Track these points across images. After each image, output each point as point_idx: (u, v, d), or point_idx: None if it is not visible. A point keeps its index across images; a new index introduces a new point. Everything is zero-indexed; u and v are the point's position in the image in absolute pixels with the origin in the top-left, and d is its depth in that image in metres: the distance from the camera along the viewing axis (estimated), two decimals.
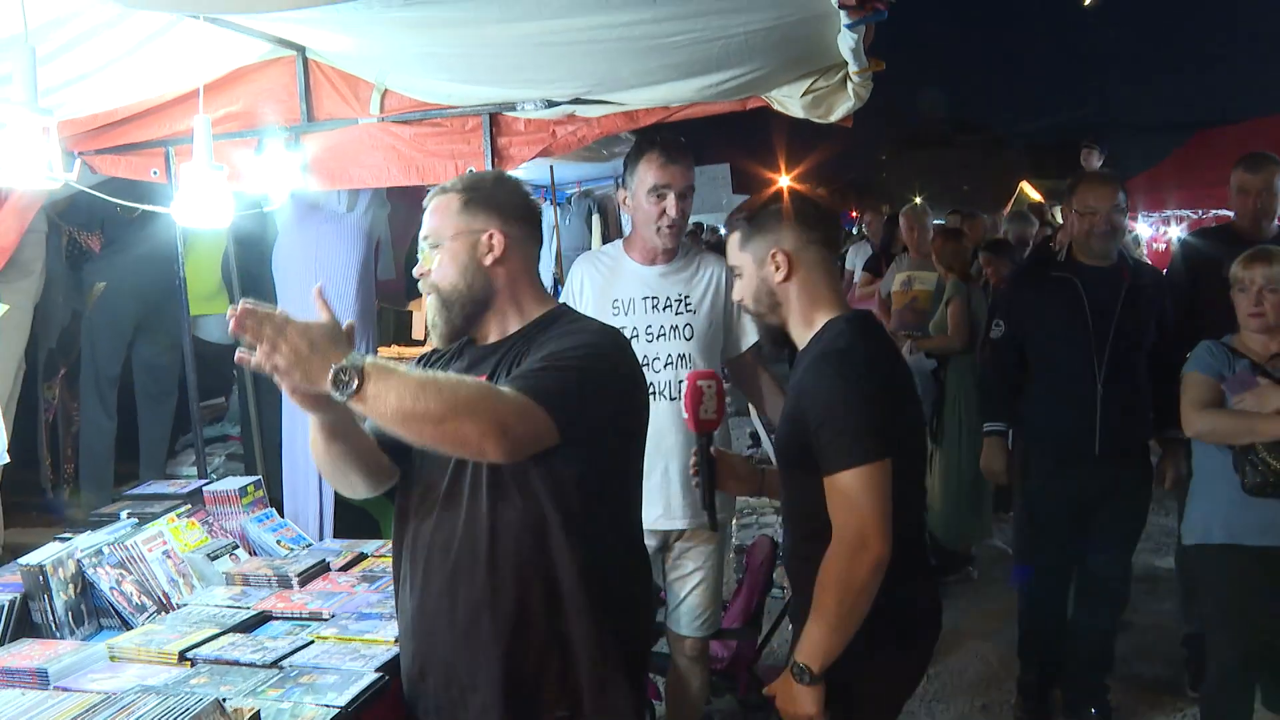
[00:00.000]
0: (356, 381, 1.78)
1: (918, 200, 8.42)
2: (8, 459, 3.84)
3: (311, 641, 2.66)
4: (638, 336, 3.23)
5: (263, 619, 2.85)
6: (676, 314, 3.25)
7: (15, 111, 2.40)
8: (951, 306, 5.59)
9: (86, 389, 5.32)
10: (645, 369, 2.67)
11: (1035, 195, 14.95)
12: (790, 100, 3.37)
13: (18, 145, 2.42)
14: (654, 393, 3.17)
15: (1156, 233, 11.98)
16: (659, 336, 3.26)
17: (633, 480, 2.27)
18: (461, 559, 2.08)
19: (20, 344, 4.56)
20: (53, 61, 2.89)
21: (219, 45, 3.38)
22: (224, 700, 2.13)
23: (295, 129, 3.78)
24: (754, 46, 2.92)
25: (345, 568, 3.26)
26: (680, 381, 3.16)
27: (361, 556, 3.35)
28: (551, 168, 6.31)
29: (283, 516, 3.71)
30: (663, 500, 3.23)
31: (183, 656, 2.55)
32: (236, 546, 3.34)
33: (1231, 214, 4.53)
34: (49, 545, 2.95)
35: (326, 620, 2.81)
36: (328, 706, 2.26)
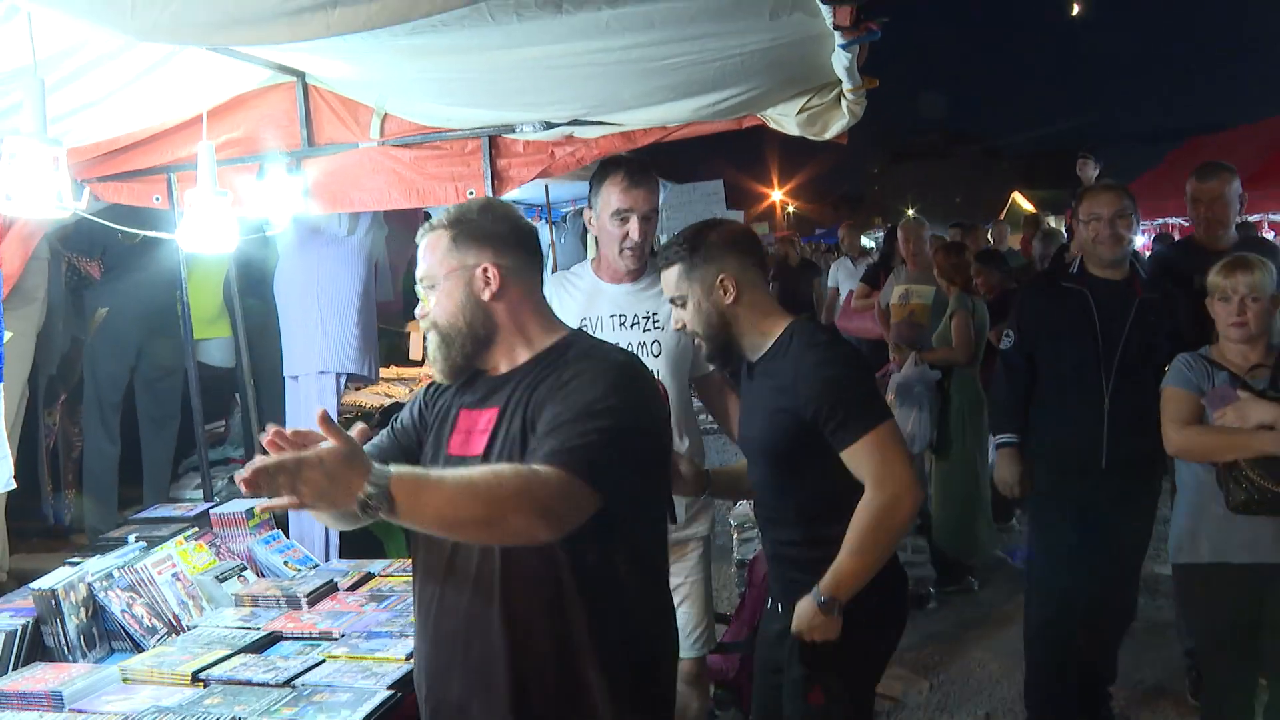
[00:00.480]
0: (385, 504, 1.71)
1: (911, 213, 8.49)
2: (14, 485, 3.87)
3: (323, 660, 2.69)
4: None
5: (273, 639, 2.88)
6: (645, 330, 3.26)
7: (26, 143, 2.44)
8: (955, 319, 5.62)
9: (89, 414, 5.34)
10: None
11: (1028, 206, 15.08)
12: (785, 119, 3.41)
13: (29, 176, 2.46)
14: None
15: (1148, 241, 12.06)
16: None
17: (652, 517, 2.21)
18: (475, 606, 2.02)
19: (24, 371, 4.58)
20: (58, 91, 2.93)
21: (220, 72, 3.42)
22: None
23: (296, 154, 3.81)
24: (750, 67, 2.96)
25: (353, 587, 3.28)
26: None
27: (369, 576, 3.38)
28: (546, 186, 6.35)
29: (288, 538, 3.73)
30: None
31: (195, 677, 2.58)
32: (244, 568, 3.36)
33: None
34: (59, 570, 2.98)
35: (337, 639, 2.84)
36: None
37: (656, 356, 3.24)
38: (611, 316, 3.28)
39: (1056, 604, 3.97)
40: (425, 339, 2.17)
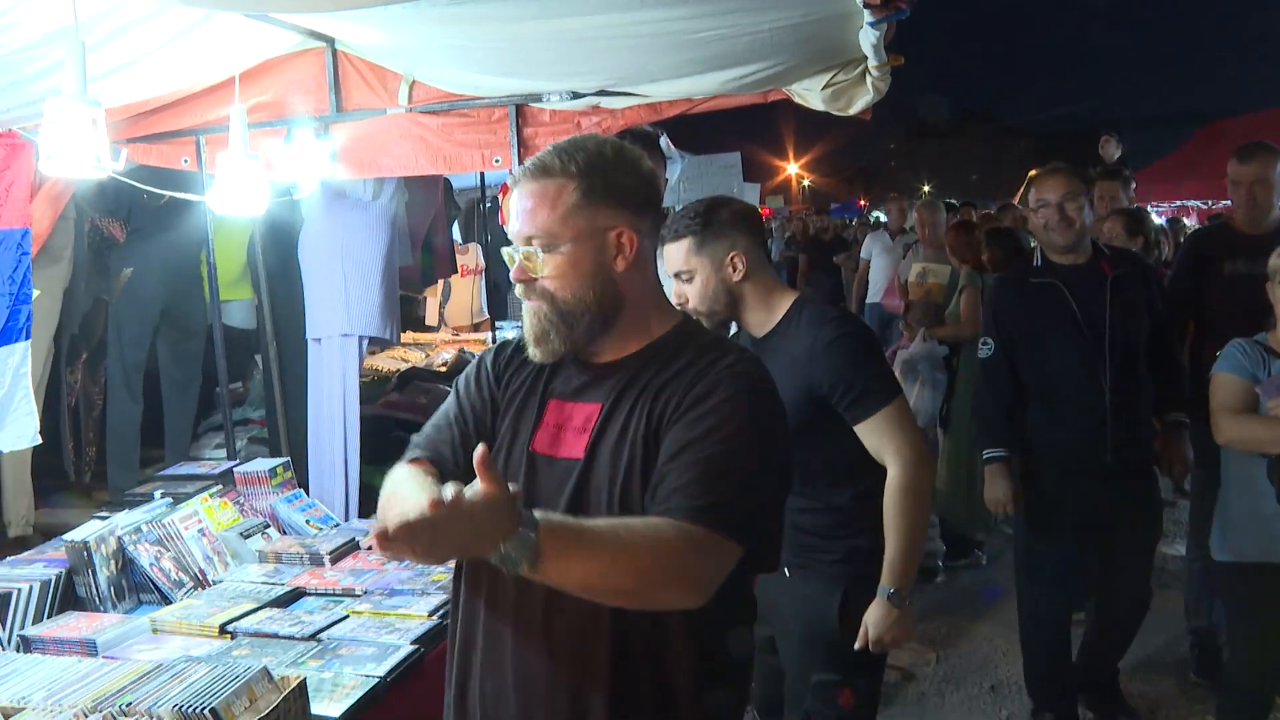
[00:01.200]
0: (530, 561, 1.43)
1: (926, 190, 8.48)
2: (39, 440, 3.94)
3: (346, 616, 2.76)
4: None
5: (297, 595, 2.95)
6: None
7: (66, 104, 2.49)
8: (965, 295, 5.66)
9: (113, 374, 5.40)
10: None
11: None
12: (811, 93, 3.43)
13: (68, 136, 2.50)
14: None
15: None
16: None
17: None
18: (561, 657, 1.70)
19: (50, 329, 4.65)
20: (95, 52, 2.97)
21: (251, 37, 3.45)
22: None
23: (324, 119, 3.85)
24: (779, 42, 2.98)
25: (373, 546, 3.34)
26: None
27: None
28: None
29: (310, 497, 3.79)
30: None
31: (223, 629, 2.65)
32: (268, 526, 3.43)
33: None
34: (90, 523, 3.05)
35: (359, 596, 2.90)
36: (368, 676, 2.36)
37: None
38: None
39: (1052, 612, 3.88)
40: (527, 310, 1.78)
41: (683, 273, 2.61)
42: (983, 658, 4.72)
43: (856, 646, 2.54)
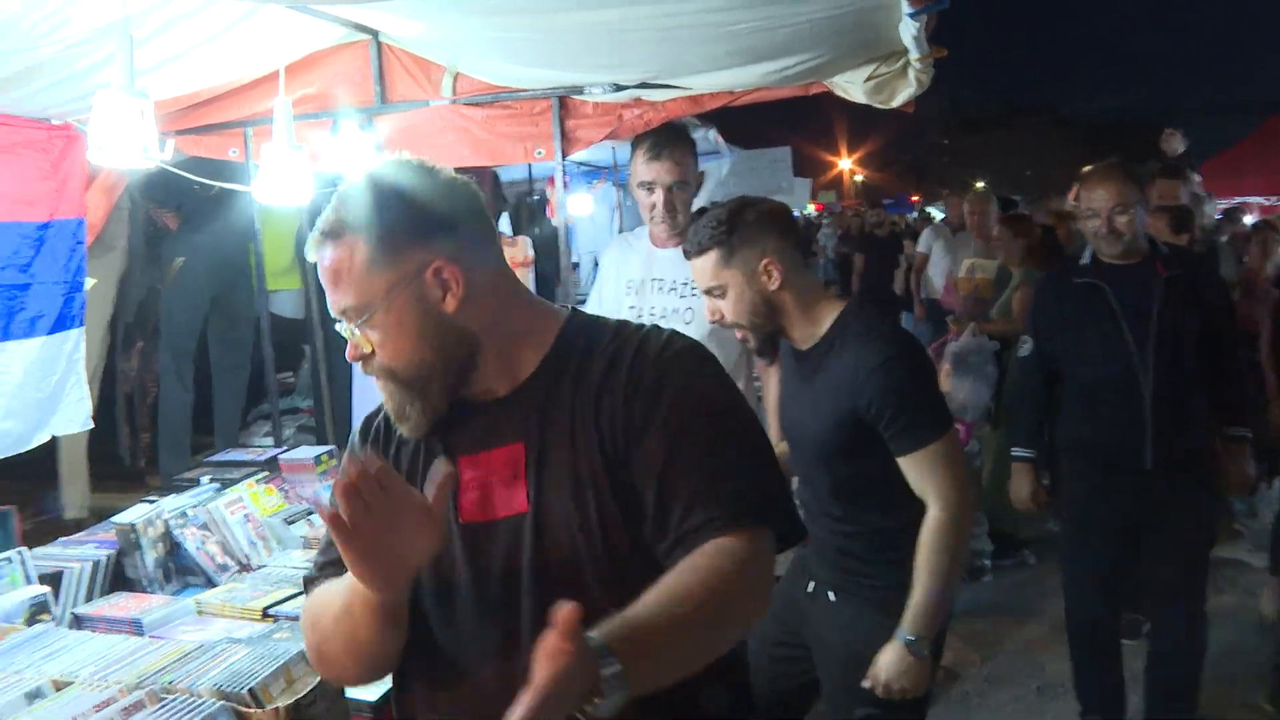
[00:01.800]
0: (624, 697, 1.18)
1: (980, 185, 8.34)
2: (92, 425, 4.04)
3: None
4: (641, 317, 3.21)
5: None
6: (680, 296, 3.21)
7: (115, 96, 2.54)
8: (1019, 292, 5.60)
9: (165, 361, 5.51)
10: None
11: None
12: (853, 86, 3.42)
13: (117, 127, 2.56)
14: None
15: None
16: (660, 319, 3.20)
17: None
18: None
19: (104, 317, 4.76)
20: (143, 46, 3.03)
21: (296, 30, 3.51)
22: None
23: (369, 110, 3.89)
24: (818, 34, 2.97)
25: None
26: None
27: None
28: (614, 149, 6.38)
29: None
30: None
31: (265, 613, 2.69)
32: (311, 512, 3.47)
33: None
34: (138, 506, 3.11)
35: None
36: None
37: (688, 324, 3.11)
38: (652, 280, 3.29)
39: (1095, 614, 3.77)
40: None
41: (714, 288, 2.40)
42: (1029, 659, 4.67)
43: (865, 685, 2.35)
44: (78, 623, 2.67)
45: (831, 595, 2.51)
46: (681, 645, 1.29)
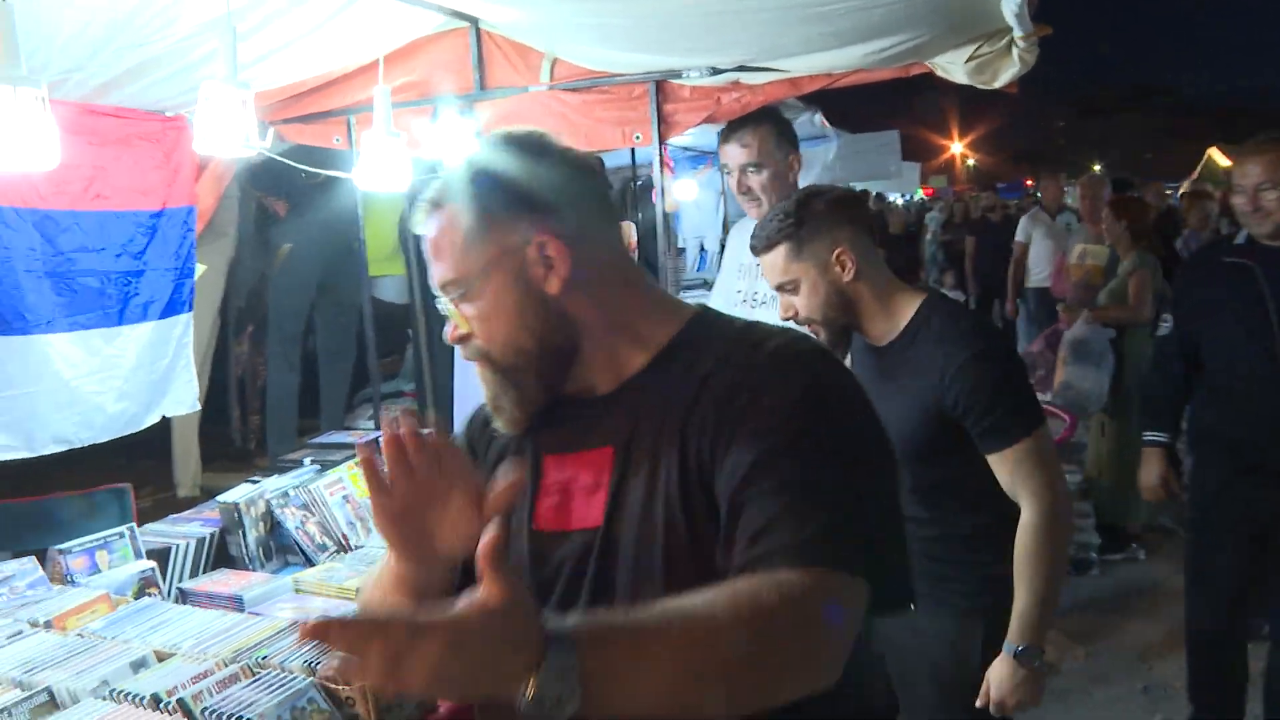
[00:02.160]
0: (574, 694, 0.95)
1: (1096, 169, 8.08)
2: (199, 407, 4.17)
3: None
4: (747, 300, 3.25)
5: None
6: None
7: (218, 87, 2.62)
8: (1135, 277, 5.44)
9: (272, 346, 5.68)
10: None
11: (1226, 162, 13.99)
12: (954, 66, 3.32)
13: (220, 117, 2.63)
14: None
15: None
16: (761, 304, 3.18)
17: None
18: None
19: (215, 302, 4.92)
20: (248, 39, 3.11)
21: (396, 19, 3.55)
22: None
23: (469, 97, 3.92)
24: (915, 13, 2.91)
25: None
26: None
27: None
28: (718, 134, 6.33)
29: None
30: None
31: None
32: None
33: None
34: (241, 486, 3.21)
35: None
36: None
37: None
38: (757, 264, 3.28)
39: (1218, 621, 3.54)
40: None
41: (785, 284, 2.32)
42: (1135, 657, 4.51)
43: (978, 704, 2.22)
44: (183, 597, 2.77)
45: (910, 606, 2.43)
46: (669, 666, 1.02)
